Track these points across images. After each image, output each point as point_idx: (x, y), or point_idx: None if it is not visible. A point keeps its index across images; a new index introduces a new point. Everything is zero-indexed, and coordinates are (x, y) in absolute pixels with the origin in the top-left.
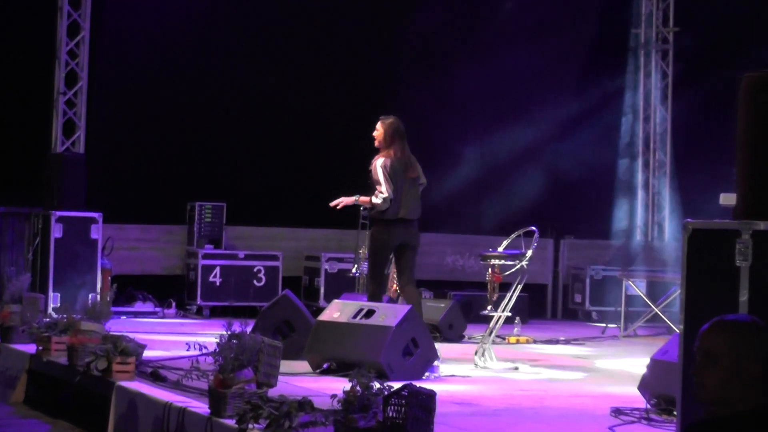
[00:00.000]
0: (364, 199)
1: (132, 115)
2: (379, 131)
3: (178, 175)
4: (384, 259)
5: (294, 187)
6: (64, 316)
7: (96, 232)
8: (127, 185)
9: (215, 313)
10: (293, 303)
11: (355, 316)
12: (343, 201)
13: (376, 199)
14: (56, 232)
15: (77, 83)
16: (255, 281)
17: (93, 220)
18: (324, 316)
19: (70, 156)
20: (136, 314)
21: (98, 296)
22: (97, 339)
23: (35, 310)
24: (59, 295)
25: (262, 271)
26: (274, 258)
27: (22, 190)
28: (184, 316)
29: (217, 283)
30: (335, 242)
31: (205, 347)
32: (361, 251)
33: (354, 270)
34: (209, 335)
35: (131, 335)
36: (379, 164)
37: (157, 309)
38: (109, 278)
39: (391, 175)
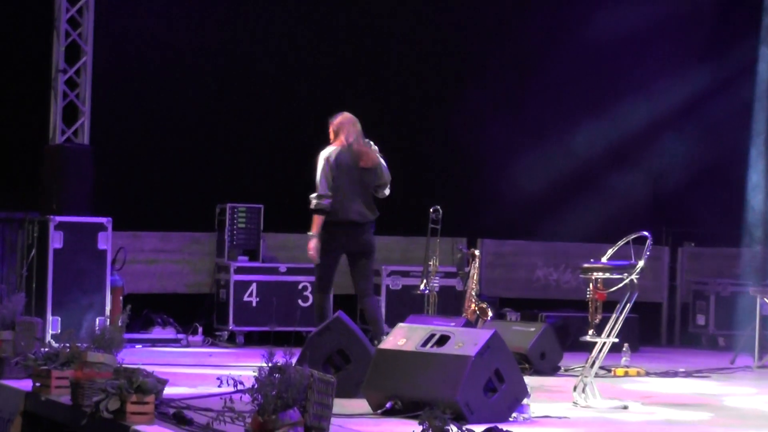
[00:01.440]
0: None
1: (148, 98)
2: (330, 127)
3: (205, 172)
4: (328, 268)
5: None
6: (67, 345)
7: (104, 242)
8: (142, 184)
9: (251, 340)
10: (348, 328)
11: (424, 344)
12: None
13: (313, 200)
14: (56, 241)
15: (80, 58)
16: (300, 301)
17: (101, 227)
18: (386, 344)
19: (73, 148)
20: (155, 342)
21: (108, 320)
22: (108, 373)
23: (31, 338)
24: (60, 319)
25: (309, 289)
26: None
27: (13, 191)
28: (213, 345)
29: (254, 304)
30: (399, 252)
31: (241, 382)
32: (431, 263)
33: (423, 286)
34: (245, 368)
35: (149, 368)
36: (321, 155)
37: (181, 336)
38: (121, 298)
39: (334, 167)
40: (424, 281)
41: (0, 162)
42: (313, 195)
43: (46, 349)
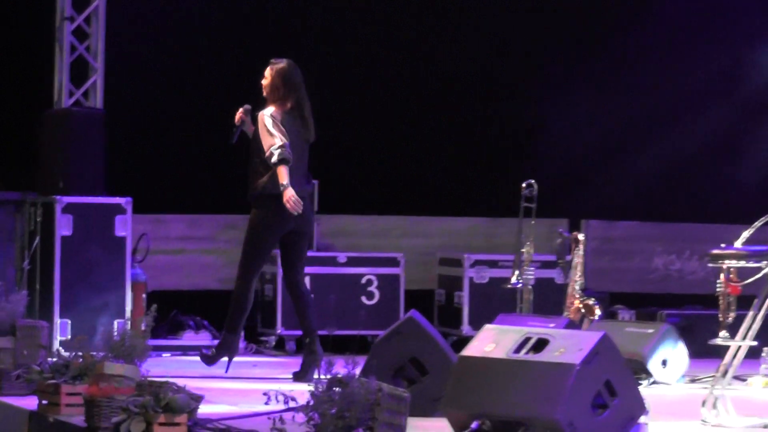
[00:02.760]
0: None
1: (174, 53)
2: (267, 79)
3: (241, 141)
4: (263, 251)
5: (417, 158)
6: (79, 354)
7: (123, 227)
8: (167, 156)
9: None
10: (423, 331)
11: (518, 350)
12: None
13: (275, 151)
14: (63, 227)
15: (91, 3)
16: (364, 298)
17: (118, 209)
18: (470, 350)
19: (83, 113)
20: (186, 350)
21: (128, 324)
22: (129, 388)
23: (35, 346)
24: (70, 322)
25: (375, 283)
26: (392, 262)
27: (7, 166)
28: (257, 352)
29: None
30: (483, 238)
31: (293, 398)
32: (524, 250)
33: (515, 279)
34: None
35: (180, 382)
36: (266, 113)
37: (217, 342)
38: (144, 296)
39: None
40: (516, 273)
41: None
42: (279, 144)
43: (54, 359)
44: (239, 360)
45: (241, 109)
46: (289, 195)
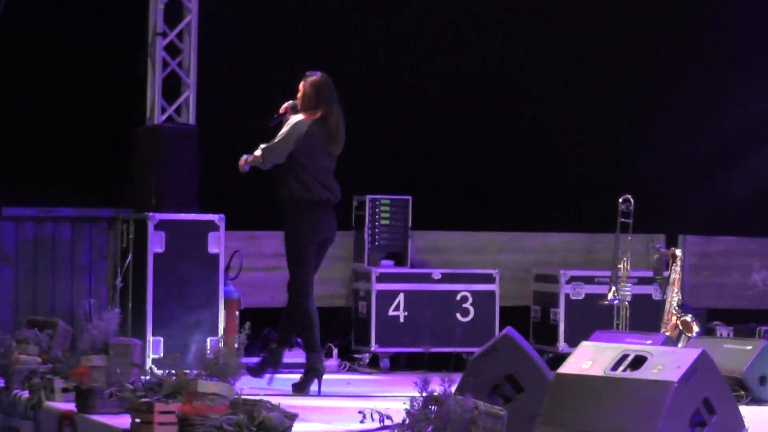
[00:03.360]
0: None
1: (266, 68)
2: (300, 91)
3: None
4: (309, 260)
5: (513, 174)
6: (172, 372)
7: (216, 244)
8: (260, 173)
9: (398, 364)
10: (519, 348)
11: (615, 367)
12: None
13: (262, 147)
14: (156, 244)
15: (183, 18)
16: (459, 315)
17: (211, 226)
18: (567, 368)
19: (175, 129)
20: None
21: (221, 341)
22: (223, 407)
23: (128, 364)
24: (162, 340)
25: (469, 300)
26: (487, 279)
27: (101, 183)
28: (351, 370)
29: (401, 319)
30: (580, 253)
31: (388, 417)
32: (621, 266)
33: (611, 295)
34: (392, 398)
35: (273, 400)
36: (293, 118)
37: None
38: (237, 314)
39: (305, 139)
40: (613, 289)
41: (84, 148)
42: (262, 146)
43: (147, 378)
44: (333, 377)
45: (288, 102)
46: (244, 158)
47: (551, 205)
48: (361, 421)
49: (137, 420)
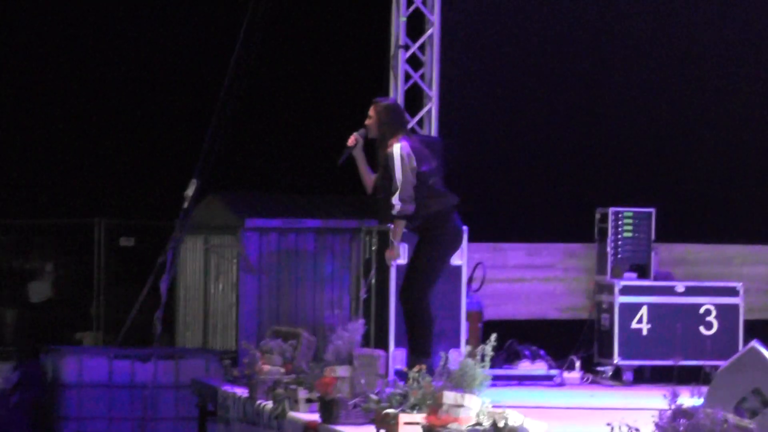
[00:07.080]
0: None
1: (511, 79)
2: (372, 118)
3: (582, 168)
4: (442, 269)
5: (760, 184)
6: (417, 383)
7: (459, 256)
8: (504, 184)
9: (641, 377)
10: (765, 361)
11: None
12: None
13: (396, 204)
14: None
15: (426, 31)
16: (702, 327)
17: None
18: None
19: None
20: (522, 379)
21: (465, 353)
22: (468, 418)
23: (373, 375)
24: (405, 351)
25: (713, 313)
26: (731, 292)
27: (348, 195)
28: (593, 383)
29: (644, 332)
30: None
31: (637, 429)
32: None
33: None
34: (638, 411)
35: (519, 412)
36: (396, 148)
37: (554, 371)
38: (480, 325)
39: (417, 159)
40: None
41: (330, 159)
42: (397, 197)
43: (391, 389)
44: (576, 390)
45: (355, 133)
46: (393, 255)
47: None
48: None
49: (382, 430)
